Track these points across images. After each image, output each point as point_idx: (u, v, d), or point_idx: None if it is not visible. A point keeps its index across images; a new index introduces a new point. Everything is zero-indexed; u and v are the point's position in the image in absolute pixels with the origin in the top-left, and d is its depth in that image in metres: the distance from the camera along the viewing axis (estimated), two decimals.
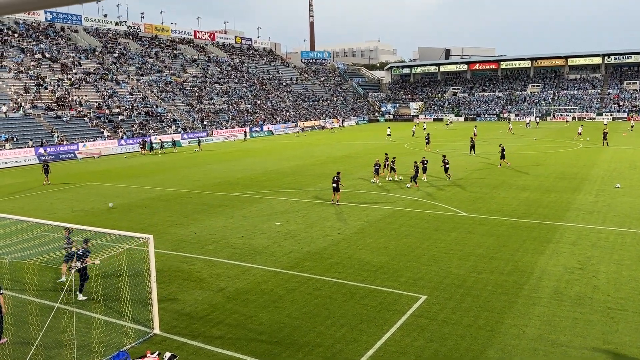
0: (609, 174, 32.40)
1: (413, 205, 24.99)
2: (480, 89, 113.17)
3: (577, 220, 21.31)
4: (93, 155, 54.52)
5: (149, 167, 43.28)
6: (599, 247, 17.64)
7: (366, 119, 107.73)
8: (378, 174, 31.53)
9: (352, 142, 61.04)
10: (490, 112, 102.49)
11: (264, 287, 14.71)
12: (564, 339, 11.23)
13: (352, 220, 22.24)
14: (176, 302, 13.80)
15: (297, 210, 24.48)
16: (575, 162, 38.52)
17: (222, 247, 18.90)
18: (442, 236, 19.48)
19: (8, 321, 12.10)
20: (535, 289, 14.10)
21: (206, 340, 11.63)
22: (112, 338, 11.74)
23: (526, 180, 31.08)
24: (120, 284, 14.84)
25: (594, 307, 12.80)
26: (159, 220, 23.48)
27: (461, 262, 16.42)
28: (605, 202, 24.48)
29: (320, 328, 12.04)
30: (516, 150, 47.28)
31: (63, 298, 12.43)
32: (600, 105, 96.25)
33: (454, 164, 38.77)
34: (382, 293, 14.07)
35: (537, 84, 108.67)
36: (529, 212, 22.89)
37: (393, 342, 11.29)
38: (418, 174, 30.33)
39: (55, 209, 26.57)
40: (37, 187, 33.83)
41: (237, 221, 22.73)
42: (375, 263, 16.56)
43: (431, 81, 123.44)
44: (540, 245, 18.00)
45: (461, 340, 11.26)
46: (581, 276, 14.96)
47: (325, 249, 18.28)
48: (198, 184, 32.98)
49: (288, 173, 36.94)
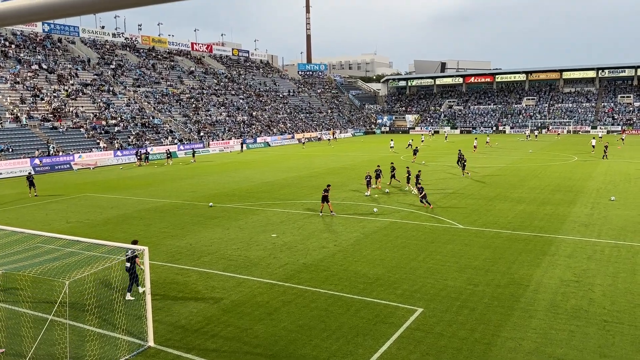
0: (604, 187, 32.54)
1: (409, 217, 25.00)
2: (475, 102, 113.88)
3: (573, 233, 21.36)
4: (89, 166, 54.40)
5: (144, 179, 43.19)
6: (595, 260, 17.66)
7: (362, 131, 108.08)
8: (369, 186, 31.57)
9: (348, 154, 61.17)
10: (486, 125, 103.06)
11: (260, 300, 14.64)
12: (560, 352, 11.20)
13: (348, 232, 22.22)
14: (171, 315, 13.70)
15: (293, 222, 24.44)
16: (571, 174, 38.68)
17: (218, 258, 18.82)
18: (438, 248, 19.47)
19: (1, 333, 11.98)
20: (532, 301, 14.08)
21: (201, 353, 11.54)
22: (106, 351, 11.63)
23: (522, 192, 31.17)
24: (114, 295, 14.74)
25: (590, 320, 12.79)
26: (154, 231, 23.39)
27: (457, 275, 16.40)
28: (601, 215, 24.56)
29: (316, 341, 11.97)
30: (512, 162, 47.48)
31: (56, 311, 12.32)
32: (594, 119, 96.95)
33: (447, 177, 38.86)
34: (379, 305, 14.02)
35: (532, 97, 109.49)
36: (524, 225, 22.92)
37: (389, 355, 11.23)
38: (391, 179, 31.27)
39: (50, 220, 26.44)
40: (32, 199, 33.68)
41: (232, 233, 22.67)
42: (372, 275, 16.52)
43: (427, 94, 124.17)
44: (536, 258, 18.01)
45: (457, 354, 11.21)
46: (577, 289, 14.96)
47: (321, 260, 18.23)
48: (194, 195, 32.91)
49: (284, 184, 36.93)
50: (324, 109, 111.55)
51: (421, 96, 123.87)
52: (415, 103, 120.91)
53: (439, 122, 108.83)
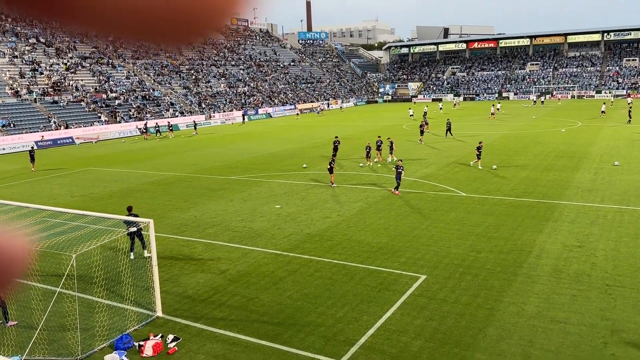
0: (608, 152, 32.40)
1: (412, 186, 25.02)
2: (479, 68, 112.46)
3: (576, 199, 21.38)
4: (91, 140, 54.35)
5: (147, 152, 43.20)
6: (598, 225, 17.73)
7: (365, 100, 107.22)
8: (369, 157, 31.18)
9: (350, 124, 60.86)
10: (490, 92, 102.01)
11: (265, 270, 14.81)
12: (563, 315, 11.36)
13: (351, 202, 22.30)
14: (178, 285, 13.91)
15: (297, 193, 24.52)
16: (575, 140, 38.48)
17: (223, 230, 18.97)
18: (441, 216, 19.56)
19: (11, 306, 12.21)
20: (534, 267, 14.21)
21: (208, 322, 11.75)
22: (115, 321, 11.86)
23: (525, 159, 31.08)
24: (121, 268, 14.94)
25: (592, 284, 12.92)
26: (159, 204, 23.53)
27: (460, 242, 16.52)
28: (604, 180, 24.53)
29: (321, 308, 12.16)
30: (516, 129, 47.19)
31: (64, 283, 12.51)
32: (599, 83, 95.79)
33: (449, 146, 38.72)
34: (382, 273, 14.18)
35: (536, 62, 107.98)
36: (527, 191, 22.94)
37: (393, 321, 11.41)
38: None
39: (55, 195, 26.59)
40: (35, 173, 33.79)
41: (236, 204, 22.78)
42: (375, 244, 16.65)
43: (430, 61, 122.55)
44: (539, 224, 18.08)
45: (460, 319, 11.38)
46: (580, 254, 15.07)
47: (325, 230, 18.35)
48: (197, 168, 32.96)
49: (286, 156, 36.90)
50: (325, 78, 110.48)
51: (424, 63, 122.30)
52: (418, 70, 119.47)
53: (442, 89, 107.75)
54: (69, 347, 10.78)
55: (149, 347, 10.48)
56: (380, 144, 31.79)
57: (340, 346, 10.47)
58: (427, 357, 9.95)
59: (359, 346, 10.43)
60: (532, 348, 10.09)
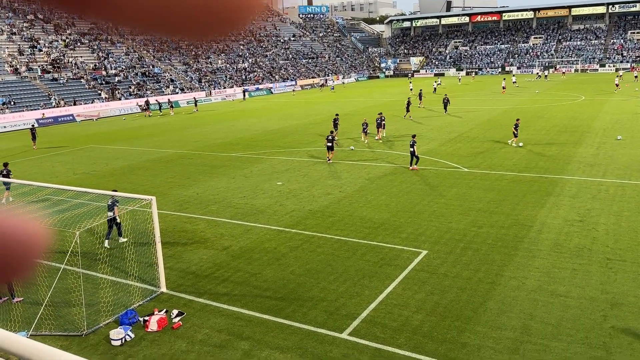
0: (611, 126, 32.22)
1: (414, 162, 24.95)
2: (482, 42, 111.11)
3: (578, 173, 21.35)
4: (92, 117, 54.17)
5: (148, 129, 43.09)
6: (599, 200, 17.74)
7: (366, 76, 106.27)
8: (367, 134, 30.51)
9: (351, 100, 60.47)
10: (492, 66, 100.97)
11: (267, 246, 14.91)
12: (563, 289, 11.45)
13: (353, 179, 22.31)
14: (181, 262, 14.03)
15: (298, 170, 24.52)
16: (577, 114, 38.23)
17: (225, 207, 19.04)
18: (442, 192, 19.58)
19: (17, 283, 12.34)
20: (535, 241, 14.27)
21: (212, 297, 11.89)
22: (120, 297, 12.00)
23: (527, 134, 30.93)
24: (125, 244, 15.05)
25: (592, 258, 12.99)
26: (161, 181, 23.57)
27: (461, 217, 16.56)
28: (607, 155, 24.45)
29: (323, 283, 12.28)
30: (518, 104, 46.85)
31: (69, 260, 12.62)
32: (603, 56, 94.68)
33: (452, 121, 38.51)
34: (384, 249, 14.27)
35: (539, 36, 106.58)
36: (529, 166, 22.90)
37: (395, 295, 11.53)
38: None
39: (57, 172, 26.64)
40: (37, 151, 33.79)
41: (238, 181, 22.81)
42: (377, 220, 16.72)
43: (432, 35, 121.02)
44: (540, 199, 18.10)
45: (461, 293, 11.49)
46: (581, 228, 15.12)
47: (327, 207, 18.41)
48: (198, 145, 32.91)
49: (288, 132, 36.79)
50: (326, 53, 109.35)
51: (426, 37, 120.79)
52: (420, 45, 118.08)
53: (444, 64, 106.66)
54: (74, 322, 10.93)
55: (153, 322, 10.62)
56: (380, 121, 31.02)
57: (342, 320, 10.60)
58: (428, 330, 10.08)
59: (360, 320, 10.57)
60: (532, 321, 10.21)
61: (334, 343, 9.83)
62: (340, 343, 9.82)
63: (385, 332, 10.10)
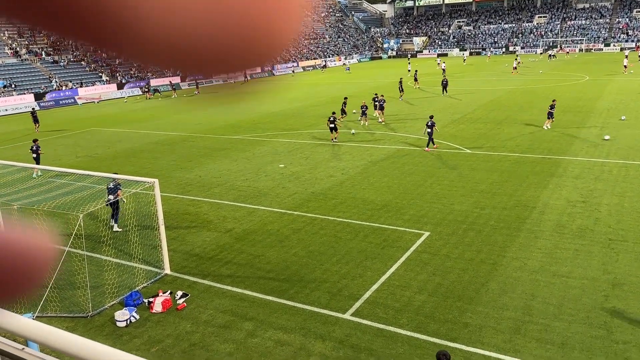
0: (615, 107, 31.99)
1: (416, 143, 24.90)
2: (485, 22, 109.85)
3: (581, 154, 21.28)
4: (93, 100, 54.02)
5: (149, 112, 42.98)
6: (602, 180, 17.70)
7: (369, 57, 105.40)
8: (365, 116, 30.21)
9: (353, 82, 60.08)
10: (496, 46, 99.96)
11: (270, 228, 14.97)
12: (565, 270, 11.50)
13: (355, 161, 22.28)
14: (185, 244, 14.11)
15: (300, 152, 24.49)
16: (581, 95, 37.94)
17: (228, 189, 19.08)
18: (445, 173, 19.56)
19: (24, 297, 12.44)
20: (538, 222, 14.29)
21: (216, 279, 11.98)
22: (125, 279, 12.11)
23: (531, 115, 30.76)
24: (129, 227, 15.13)
25: (595, 239, 13.02)
26: (164, 164, 23.59)
27: (464, 199, 16.57)
28: (610, 135, 24.32)
29: (326, 265, 12.35)
30: (522, 84, 46.50)
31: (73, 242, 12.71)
32: (608, 35, 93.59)
33: (454, 102, 38.29)
34: (386, 230, 14.31)
35: (544, 15, 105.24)
36: (532, 147, 22.82)
37: (397, 276, 11.60)
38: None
39: (59, 155, 26.66)
40: (39, 134, 33.76)
41: (240, 164, 22.81)
42: (379, 202, 16.74)
43: (435, 14, 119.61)
44: (543, 180, 18.07)
45: (463, 274, 11.56)
46: (583, 209, 15.12)
47: (329, 189, 18.43)
48: (200, 128, 32.83)
49: (289, 115, 36.66)
50: (327, 34, 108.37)
51: (429, 17, 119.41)
52: (423, 25, 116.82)
53: (447, 44, 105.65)
54: (80, 304, 11.05)
55: (158, 303, 10.73)
56: (382, 103, 30.75)
57: (345, 301, 10.69)
58: (430, 310, 10.16)
59: (363, 301, 10.65)
60: (533, 301, 10.27)
61: (337, 323, 9.92)
62: (343, 323, 9.92)
63: (387, 312, 10.19)
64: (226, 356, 9.12)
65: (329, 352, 9.09)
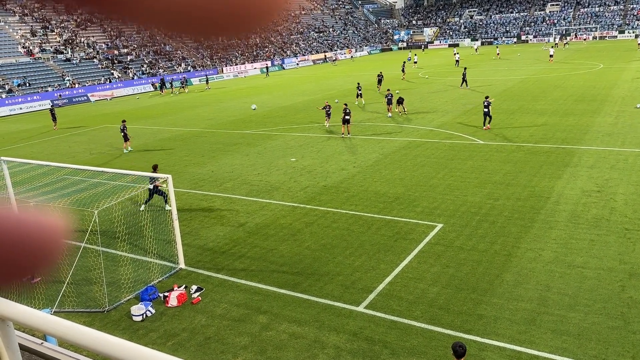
0: (630, 94, 31.50)
1: (428, 135, 24.77)
2: (497, 11, 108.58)
3: (596, 143, 21.00)
4: (106, 97, 54.44)
5: (161, 108, 43.21)
6: (618, 169, 17.47)
7: (379, 49, 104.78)
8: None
9: (364, 74, 59.78)
10: (508, 35, 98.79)
11: (283, 222, 15.01)
12: (580, 260, 11.39)
13: (367, 153, 22.22)
14: (199, 238, 14.21)
15: (312, 145, 24.48)
16: (595, 83, 37.40)
17: (240, 184, 19.15)
18: (458, 165, 19.43)
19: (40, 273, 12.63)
20: (552, 213, 14.16)
21: (230, 272, 12.06)
22: (140, 274, 12.24)
23: (544, 104, 30.41)
24: (143, 223, 15.27)
25: (610, 229, 12.87)
26: (176, 160, 23.73)
27: (477, 190, 16.46)
28: (626, 124, 23.97)
29: (339, 258, 12.37)
30: (534, 73, 45.96)
31: (88, 238, 12.85)
32: (622, 23, 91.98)
33: (467, 93, 37.95)
34: (399, 223, 14.28)
35: (556, 3, 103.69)
36: (546, 137, 22.57)
37: (410, 268, 11.58)
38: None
39: (73, 152, 26.94)
40: (54, 132, 34.13)
41: (252, 158, 22.88)
42: (392, 194, 16.69)
43: (446, 4, 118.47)
44: (557, 170, 17.88)
45: (477, 265, 11.50)
46: (599, 199, 14.94)
47: (341, 182, 18.41)
48: (212, 123, 32.96)
49: (300, 108, 36.62)
50: (337, 27, 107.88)
51: (440, 7, 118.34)
52: (434, 15, 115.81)
53: (459, 34, 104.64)
54: (96, 299, 11.19)
55: (173, 297, 10.83)
56: (390, 97, 30.34)
57: (358, 293, 10.70)
58: (444, 302, 10.14)
59: (376, 293, 10.65)
60: (549, 292, 10.20)
61: (351, 316, 9.94)
62: (356, 316, 9.93)
63: (401, 304, 10.18)
64: (241, 349, 9.19)
65: (343, 344, 9.11)
